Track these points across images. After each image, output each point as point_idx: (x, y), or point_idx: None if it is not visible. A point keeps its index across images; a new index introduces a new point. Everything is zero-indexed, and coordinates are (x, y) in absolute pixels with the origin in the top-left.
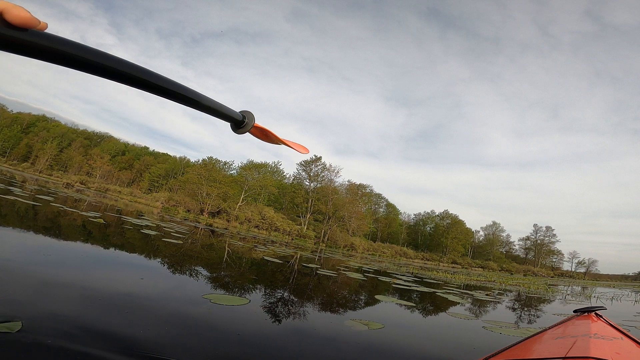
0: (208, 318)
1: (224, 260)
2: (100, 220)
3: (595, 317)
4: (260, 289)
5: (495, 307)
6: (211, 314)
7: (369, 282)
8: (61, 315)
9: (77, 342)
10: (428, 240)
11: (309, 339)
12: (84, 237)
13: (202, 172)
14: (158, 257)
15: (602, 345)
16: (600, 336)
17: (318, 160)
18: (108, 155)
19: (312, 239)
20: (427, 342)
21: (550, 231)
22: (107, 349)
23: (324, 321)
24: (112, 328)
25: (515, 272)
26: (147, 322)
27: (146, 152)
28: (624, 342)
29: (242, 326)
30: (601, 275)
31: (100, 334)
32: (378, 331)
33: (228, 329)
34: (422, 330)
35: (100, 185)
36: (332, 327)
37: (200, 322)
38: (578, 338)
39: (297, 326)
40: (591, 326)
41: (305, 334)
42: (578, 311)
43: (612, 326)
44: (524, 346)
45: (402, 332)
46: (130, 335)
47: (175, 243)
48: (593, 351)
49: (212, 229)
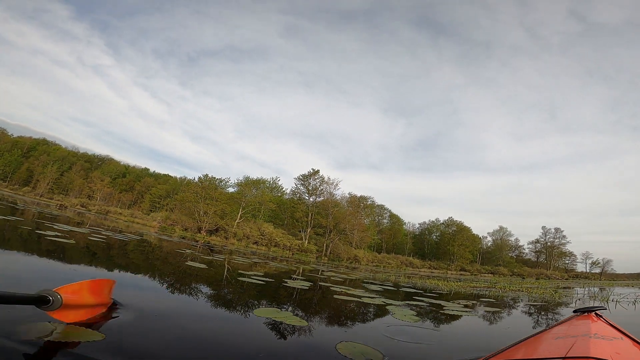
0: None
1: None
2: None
3: (595, 317)
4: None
5: (437, 327)
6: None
7: (272, 288)
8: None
9: None
10: (434, 249)
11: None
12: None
13: (198, 190)
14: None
15: (602, 345)
16: (600, 336)
17: (316, 174)
18: (108, 177)
19: (313, 253)
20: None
21: (559, 233)
22: None
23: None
24: None
25: (527, 276)
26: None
27: (147, 174)
28: (624, 342)
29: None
30: (618, 274)
31: None
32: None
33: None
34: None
35: (100, 208)
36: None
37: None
38: (578, 338)
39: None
40: (591, 326)
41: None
42: (578, 311)
43: (612, 326)
44: (524, 346)
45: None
46: None
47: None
48: (593, 351)
49: (209, 246)
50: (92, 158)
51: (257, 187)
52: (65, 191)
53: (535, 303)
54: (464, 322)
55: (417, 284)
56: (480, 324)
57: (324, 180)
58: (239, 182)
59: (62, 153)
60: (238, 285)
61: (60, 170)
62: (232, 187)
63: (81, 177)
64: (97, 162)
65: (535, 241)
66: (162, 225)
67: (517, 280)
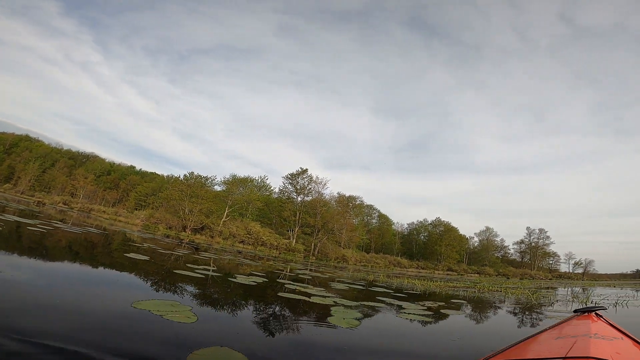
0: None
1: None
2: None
3: (596, 317)
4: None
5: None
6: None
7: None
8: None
9: None
10: (422, 249)
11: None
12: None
13: (184, 188)
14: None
15: (602, 345)
16: (601, 336)
17: (304, 173)
18: (93, 175)
19: (301, 252)
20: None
21: (543, 233)
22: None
23: None
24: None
25: (512, 276)
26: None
27: (132, 172)
28: (624, 342)
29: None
30: (600, 275)
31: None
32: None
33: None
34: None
35: (84, 206)
36: None
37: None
38: (578, 338)
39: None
40: (591, 326)
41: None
42: (578, 311)
43: (612, 326)
44: (524, 346)
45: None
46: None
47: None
48: (593, 351)
49: (195, 245)
50: (76, 155)
51: (245, 186)
52: (47, 188)
53: (508, 305)
54: (405, 328)
55: (393, 284)
56: (421, 332)
57: (313, 179)
58: (226, 180)
59: (45, 150)
60: (169, 277)
61: (43, 167)
62: (219, 185)
63: (64, 175)
64: (81, 159)
65: (520, 242)
66: (146, 224)
67: (501, 280)
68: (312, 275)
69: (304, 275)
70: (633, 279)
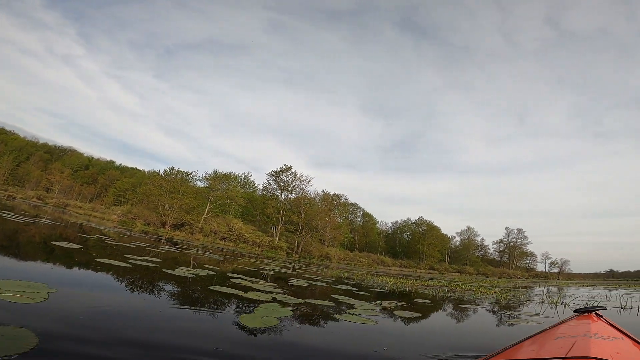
0: None
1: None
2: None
3: (596, 317)
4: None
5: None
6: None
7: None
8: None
9: None
10: (406, 248)
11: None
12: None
13: (163, 183)
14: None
15: (602, 345)
16: (601, 336)
17: (288, 170)
18: (69, 169)
19: (284, 250)
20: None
21: (521, 233)
22: None
23: None
24: None
25: (491, 275)
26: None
27: (112, 167)
28: (624, 342)
29: None
30: (574, 274)
31: None
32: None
33: None
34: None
35: (59, 201)
36: None
37: None
38: (578, 338)
39: None
40: (591, 326)
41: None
42: (578, 311)
43: (612, 326)
44: (525, 346)
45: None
46: None
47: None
48: (593, 351)
49: (174, 241)
50: (53, 149)
51: (228, 182)
52: (21, 183)
53: (467, 305)
54: (327, 332)
55: (363, 281)
56: (343, 337)
57: (297, 176)
58: (208, 176)
59: (19, 143)
60: (80, 265)
61: (17, 160)
62: (201, 181)
63: (39, 169)
64: (58, 153)
65: (499, 241)
66: (123, 220)
67: (480, 279)
68: (284, 271)
69: (266, 271)
70: (606, 279)
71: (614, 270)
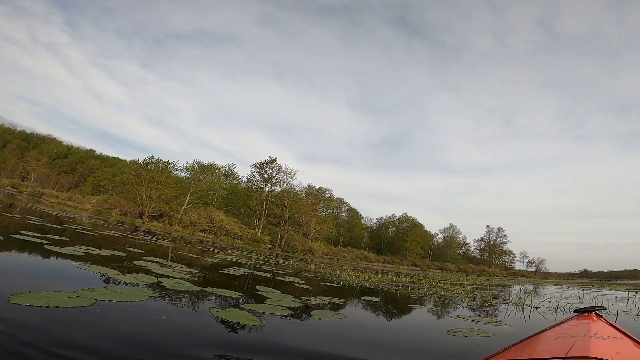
0: None
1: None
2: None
3: (596, 317)
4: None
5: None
6: None
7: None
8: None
9: None
10: (390, 244)
11: None
12: None
13: (142, 172)
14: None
15: (602, 345)
16: (601, 336)
17: (273, 162)
18: (47, 157)
19: (266, 243)
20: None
21: (501, 232)
22: None
23: None
24: None
25: (471, 272)
26: None
27: (92, 156)
28: (624, 342)
29: None
30: (550, 273)
31: None
32: None
33: None
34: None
35: (34, 190)
36: None
37: None
38: (578, 338)
39: None
40: (591, 326)
41: None
42: (578, 311)
43: (612, 326)
44: (524, 346)
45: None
46: None
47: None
48: (593, 351)
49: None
50: (31, 137)
51: (212, 173)
52: None
53: (415, 305)
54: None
55: (325, 274)
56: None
57: (281, 169)
58: (188, 165)
59: None
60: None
61: None
62: (182, 171)
63: (16, 157)
64: (36, 141)
65: (480, 239)
66: (98, 209)
67: (460, 276)
68: (241, 261)
69: (214, 260)
70: (580, 279)
71: (588, 270)
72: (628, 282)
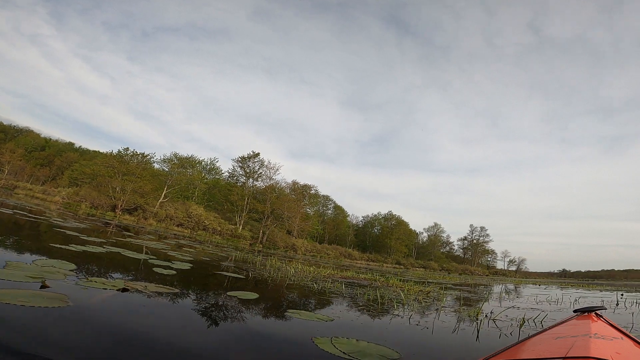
0: None
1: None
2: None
3: (596, 317)
4: None
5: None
6: None
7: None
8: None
9: None
10: (375, 242)
11: None
12: None
13: (115, 163)
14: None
15: (602, 345)
16: (601, 336)
17: (256, 156)
18: (23, 149)
19: (247, 239)
20: None
21: (484, 231)
22: None
23: None
24: None
25: (453, 271)
26: None
27: (70, 148)
28: (624, 342)
29: None
30: (530, 273)
31: None
32: None
33: None
34: None
35: (7, 182)
36: None
37: None
38: (578, 338)
39: None
40: (591, 326)
41: None
42: (578, 311)
43: (612, 326)
44: (524, 346)
45: None
46: None
47: None
48: (593, 351)
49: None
50: (8, 128)
51: (193, 167)
52: None
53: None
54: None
55: (266, 268)
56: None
57: (264, 163)
58: (166, 158)
59: None
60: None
61: None
62: (159, 163)
63: None
64: (13, 133)
65: (464, 238)
66: (67, 202)
67: (442, 274)
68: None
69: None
70: (559, 278)
71: (567, 270)
72: (605, 282)
